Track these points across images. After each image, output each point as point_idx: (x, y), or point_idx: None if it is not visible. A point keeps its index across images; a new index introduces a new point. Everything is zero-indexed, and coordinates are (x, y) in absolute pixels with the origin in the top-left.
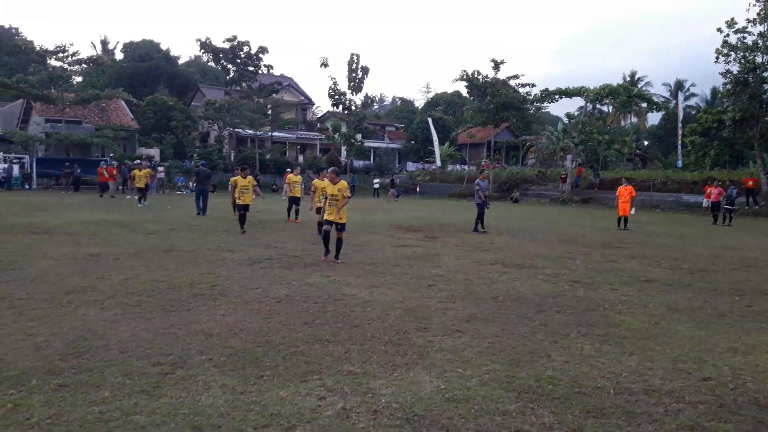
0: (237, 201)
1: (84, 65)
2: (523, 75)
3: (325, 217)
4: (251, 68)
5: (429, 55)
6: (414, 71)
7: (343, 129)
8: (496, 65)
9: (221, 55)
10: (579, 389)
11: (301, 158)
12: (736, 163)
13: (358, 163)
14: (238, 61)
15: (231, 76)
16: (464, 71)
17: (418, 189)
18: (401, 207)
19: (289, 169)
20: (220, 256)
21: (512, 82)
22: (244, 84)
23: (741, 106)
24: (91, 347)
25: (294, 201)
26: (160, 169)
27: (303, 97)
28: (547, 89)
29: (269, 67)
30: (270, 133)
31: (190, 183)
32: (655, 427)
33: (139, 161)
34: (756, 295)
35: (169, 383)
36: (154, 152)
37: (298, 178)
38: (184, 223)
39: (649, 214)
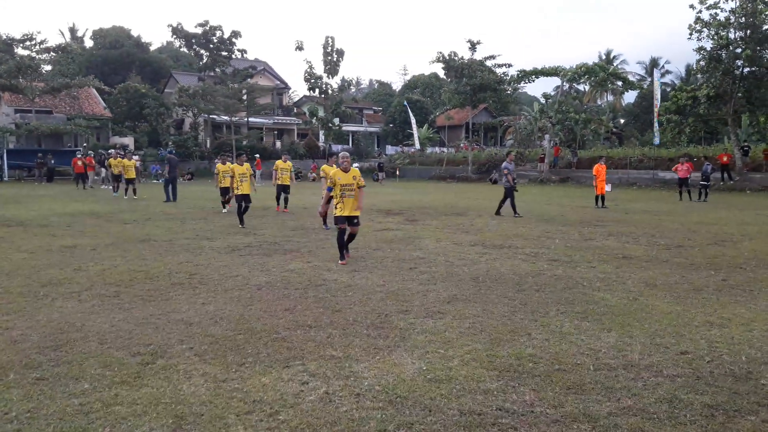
0: (235, 191)
1: (53, 53)
2: (499, 55)
3: (338, 213)
4: (224, 53)
5: (406, 37)
6: (391, 54)
7: (321, 113)
8: (473, 46)
9: (194, 41)
10: (559, 366)
11: (278, 143)
12: (710, 139)
13: (337, 147)
14: (211, 46)
15: (204, 61)
16: (440, 53)
17: (397, 172)
18: (381, 190)
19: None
20: (199, 245)
21: (489, 63)
22: (217, 69)
23: (715, 83)
24: (69, 339)
25: (283, 189)
26: (135, 157)
27: (279, 82)
28: (523, 70)
29: (243, 51)
30: (246, 119)
31: (165, 171)
32: (634, 401)
33: (114, 150)
34: (731, 269)
35: (150, 373)
36: (129, 141)
37: (288, 164)
38: (160, 212)
39: (626, 192)
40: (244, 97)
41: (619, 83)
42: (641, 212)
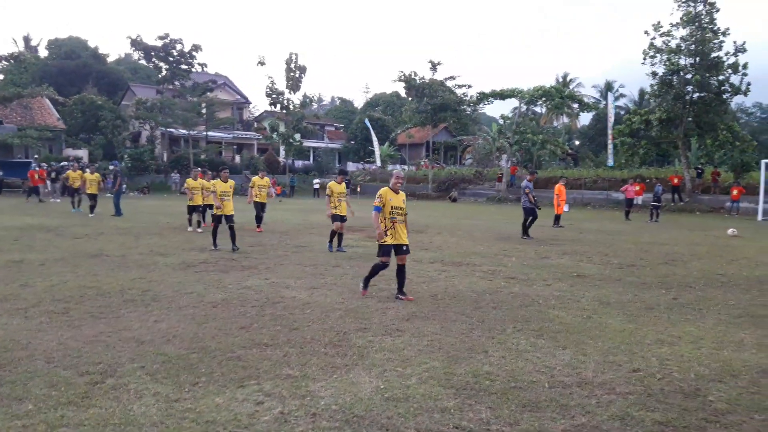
0: (216, 210)
1: (4, 62)
2: (459, 76)
3: (387, 241)
4: (184, 66)
5: (368, 56)
6: (353, 71)
7: (282, 129)
8: (434, 66)
9: (153, 53)
10: (515, 384)
11: (237, 158)
12: (662, 161)
13: (298, 163)
14: (171, 59)
15: (163, 74)
16: (402, 72)
17: (358, 189)
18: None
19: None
20: (153, 261)
21: (449, 83)
22: (177, 83)
23: (666, 107)
24: (13, 358)
25: (261, 207)
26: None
27: (239, 96)
28: (483, 92)
29: (203, 65)
30: (204, 133)
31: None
32: (588, 419)
33: (69, 162)
34: (681, 288)
35: (99, 393)
36: (83, 153)
37: (266, 180)
38: (114, 227)
39: (581, 212)
40: (204, 111)
41: (575, 105)
42: (595, 232)
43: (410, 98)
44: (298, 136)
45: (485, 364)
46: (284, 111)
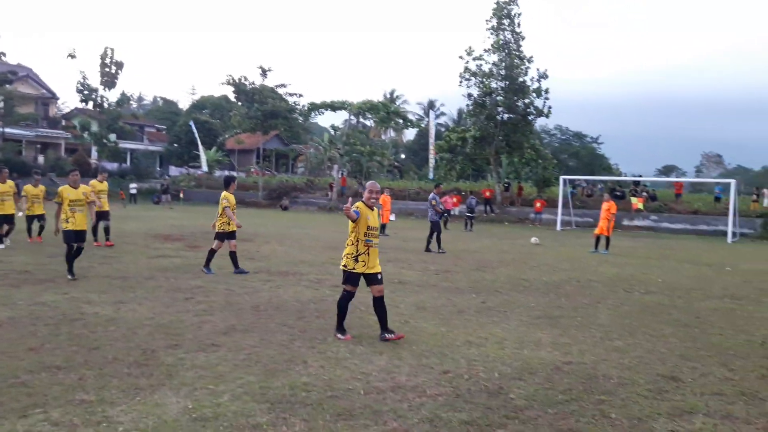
0: (64, 225)
1: None
2: (290, 84)
3: (357, 269)
4: None
5: (194, 57)
6: (178, 72)
7: (94, 128)
8: (264, 72)
9: None
10: (332, 393)
11: (41, 158)
12: (477, 176)
13: (112, 166)
14: None
15: None
16: (230, 76)
17: (181, 195)
18: (162, 214)
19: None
20: None
21: (280, 90)
22: None
23: (480, 126)
24: None
25: (103, 216)
26: None
27: (45, 90)
28: (314, 102)
29: (2, 54)
30: (1, 129)
31: None
32: (400, 423)
33: None
34: (490, 293)
35: None
36: None
37: (105, 185)
38: None
39: (405, 221)
40: (1, 105)
41: (401, 121)
42: (417, 240)
43: (240, 103)
44: (113, 137)
45: (303, 375)
46: (98, 109)
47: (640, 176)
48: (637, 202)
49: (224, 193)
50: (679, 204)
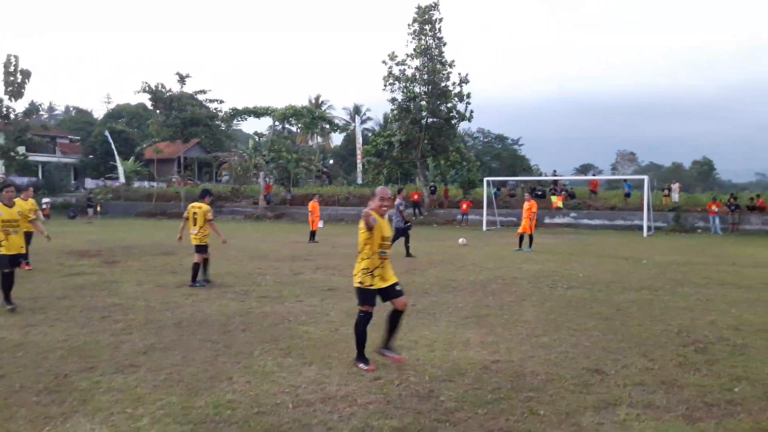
0: None
1: None
2: (210, 90)
3: (377, 284)
4: None
5: (109, 64)
6: (92, 80)
7: (0, 140)
8: (182, 79)
9: None
10: (259, 409)
11: None
12: (405, 179)
13: (22, 180)
14: None
15: None
16: (146, 83)
17: (98, 208)
18: (79, 229)
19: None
20: None
21: (200, 97)
22: None
23: (405, 130)
24: None
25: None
26: None
27: None
28: (236, 108)
29: None
30: None
31: None
32: None
33: None
34: (419, 295)
35: None
36: None
37: (31, 202)
38: None
39: (335, 227)
40: None
41: (327, 125)
42: (347, 246)
43: (158, 111)
44: (22, 149)
45: (228, 392)
46: (4, 120)
47: (556, 173)
48: (557, 201)
49: (205, 206)
50: (596, 200)
